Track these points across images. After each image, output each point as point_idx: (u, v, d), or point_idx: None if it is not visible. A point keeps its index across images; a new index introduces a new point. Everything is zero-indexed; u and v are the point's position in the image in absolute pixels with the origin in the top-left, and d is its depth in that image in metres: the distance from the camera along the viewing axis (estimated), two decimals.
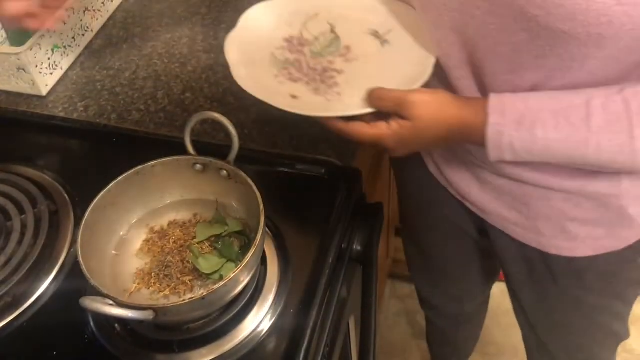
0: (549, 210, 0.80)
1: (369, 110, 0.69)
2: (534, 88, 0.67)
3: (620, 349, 1.05)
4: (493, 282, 1.28)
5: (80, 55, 1.08)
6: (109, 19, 1.15)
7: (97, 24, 1.11)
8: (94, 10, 1.10)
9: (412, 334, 1.81)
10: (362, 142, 0.71)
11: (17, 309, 0.74)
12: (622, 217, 0.78)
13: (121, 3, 1.18)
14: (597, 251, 0.82)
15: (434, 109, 0.69)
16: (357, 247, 0.83)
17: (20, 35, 1.01)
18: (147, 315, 0.61)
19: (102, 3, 1.12)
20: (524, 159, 0.67)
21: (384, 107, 0.68)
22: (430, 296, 1.33)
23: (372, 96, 0.69)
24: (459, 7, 0.65)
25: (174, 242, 0.75)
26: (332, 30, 0.81)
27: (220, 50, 1.05)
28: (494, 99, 0.66)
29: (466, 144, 0.78)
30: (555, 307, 0.97)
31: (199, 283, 0.72)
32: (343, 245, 0.80)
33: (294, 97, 0.73)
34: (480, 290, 1.29)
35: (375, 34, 0.80)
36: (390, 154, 0.74)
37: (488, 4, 0.62)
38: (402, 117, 0.68)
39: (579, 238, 0.81)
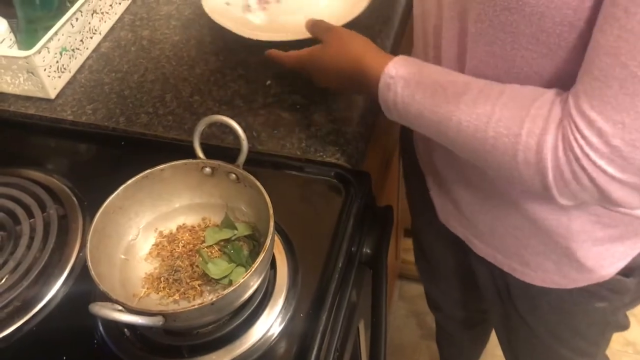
0: (504, 232, 0.79)
1: (307, 35, 0.89)
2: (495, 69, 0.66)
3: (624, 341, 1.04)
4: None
5: (88, 58, 1.07)
6: (117, 21, 1.14)
7: (105, 27, 1.11)
8: (102, 13, 1.09)
9: (421, 336, 1.80)
10: (288, 65, 0.85)
11: (26, 313, 0.74)
12: (570, 259, 0.76)
13: (129, 6, 1.18)
14: (547, 284, 0.81)
15: (344, 40, 0.78)
16: (366, 250, 0.83)
17: (29, 38, 1.01)
18: (156, 321, 0.61)
19: (110, 6, 1.12)
20: (406, 122, 0.71)
21: (315, 34, 0.84)
22: (437, 300, 1.33)
23: (309, 23, 0.86)
24: None
25: (183, 246, 0.74)
26: None
27: (228, 52, 1.05)
28: (399, 57, 0.71)
29: (364, 92, 0.79)
30: (517, 332, 0.97)
31: (208, 288, 0.71)
32: (352, 249, 0.79)
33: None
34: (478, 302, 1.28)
35: None
36: (314, 82, 0.84)
37: None
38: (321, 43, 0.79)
39: (531, 266, 0.80)
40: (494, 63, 0.65)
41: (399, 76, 0.69)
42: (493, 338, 1.53)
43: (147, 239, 0.76)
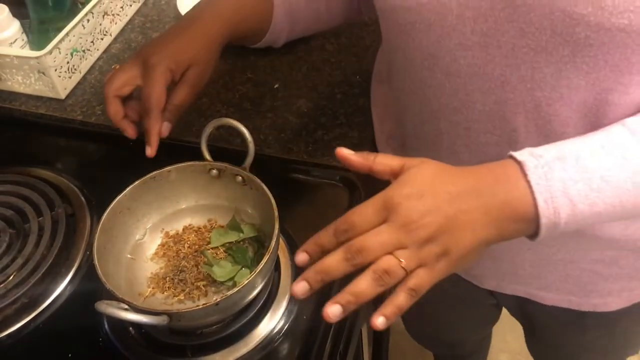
0: (580, 272, 0.74)
1: None
2: (587, 116, 0.56)
3: None
4: (494, 324, 1.23)
5: (98, 59, 1.09)
6: (128, 23, 1.16)
7: (115, 28, 1.13)
8: (113, 15, 1.11)
9: None
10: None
11: (33, 310, 0.75)
12: None
13: (139, 8, 1.19)
14: (632, 301, 0.78)
15: (431, 163, 0.53)
16: None
17: (41, 38, 1.02)
18: (161, 320, 0.61)
19: (121, 7, 1.13)
20: (579, 213, 0.51)
21: (380, 172, 0.55)
22: (427, 346, 1.32)
23: (364, 160, 0.56)
24: (481, 40, 0.56)
25: (189, 246, 0.75)
26: None
27: (237, 55, 1.06)
28: (513, 153, 0.53)
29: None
30: (579, 354, 0.95)
31: (213, 288, 0.72)
32: None
33: None
34: (481, 333, 1.28)
35: None
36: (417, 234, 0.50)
37: (518, 22, 0.53)
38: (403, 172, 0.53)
39: (613, 293, 0.77)
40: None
41: (548, 158, 0.51)
42: (495, 342, 1.54)
43: (153, 239, 0.77)
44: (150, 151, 0.76)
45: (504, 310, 1.39)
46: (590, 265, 0.73)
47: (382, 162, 0.54)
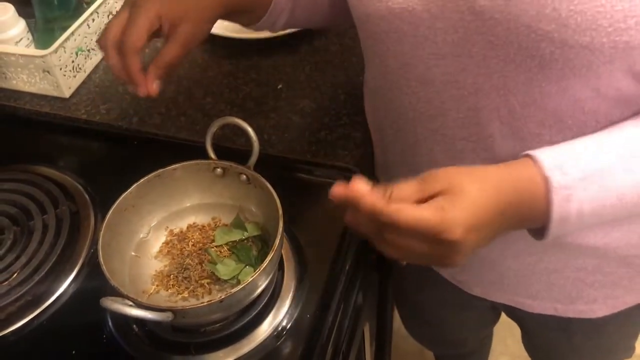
0: (564, 281, 0.75)
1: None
2: (562, 120, 0.57)
3: None
4: (494, 325, 1.23)
5: (103, 58, 1.09)
6: None
7: None
8: None
9: None
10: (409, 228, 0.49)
11: (37, 307, 0.75)
12: None
13: None
14: (617, 308, 0.79)
15: (477, 175, 0.53)
16: (374, 254, 0.83)
17: (46, 38, 1.03)
18: (165, 316, 0.62)
19: None
20: (583, 225, 0.54)
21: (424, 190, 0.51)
22: (429, 346, 1.33)
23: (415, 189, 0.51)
24: (453, 50, 0.57)
25: (193, 244, 0.76)
26: None
27: (241, 56, 1.06)
28: (543, 155, 0.53)
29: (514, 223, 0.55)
30: (569, 357, 0.96)
31: (217, 286, 0.72)
32: (359, 252, 0.80)
33: None
34: (482, 332, 1.29)
35: None
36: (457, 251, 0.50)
37: (487, 35, 0.54)
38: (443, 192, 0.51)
39: (599, 300, 0.77)
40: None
41: (572, 179, 0.52)
42: (495, 345, 1.54)
43: (157, 237, 0.77)
44: (142, 89, 0.66)
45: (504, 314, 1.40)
46: (574, 273, 0.73)
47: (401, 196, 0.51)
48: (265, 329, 0.71)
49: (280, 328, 0.71)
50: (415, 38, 0.59)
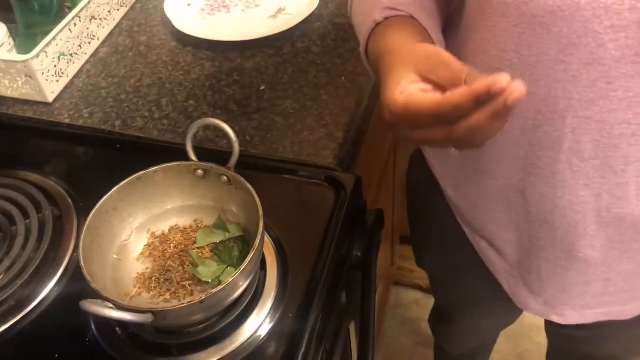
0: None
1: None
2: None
3: None
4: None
5: (86, 62, 1.09)
6: (115, 27, 1.16)
7: (103, 32, 1.13)
8: (101, 19, 1.11)
9: (417, 342, 1.81)
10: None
11: (19, 312, 0.75)
12: None
13: (127, 12, 1.19)
14: None
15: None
16: (357, 253, 0.84)
17: (28, 43, 1.03)
18: (146, 318, 0.62)
19: (109, 12, 1.13)
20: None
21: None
22: (445, 343, 1.34)
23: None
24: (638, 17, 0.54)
25: (175, 247, 0.76)
26: None
27: (224, 58, 1.07)
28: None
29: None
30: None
31: (199, 288, 0.72)
32: (342, 251, 0.80)
33: None
34: (492, 339, 1.30)
35: None
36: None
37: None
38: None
39: None
40: None
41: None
42: (498, 346, 1.54)
43: (139, 239, 0.77)
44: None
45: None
46: None
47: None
48: (248, 329, 0.71)
49: (263, 328, 0.71)
50: (594, 11, 0.54)
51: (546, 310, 0.82)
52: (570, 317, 0.81)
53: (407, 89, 0.52)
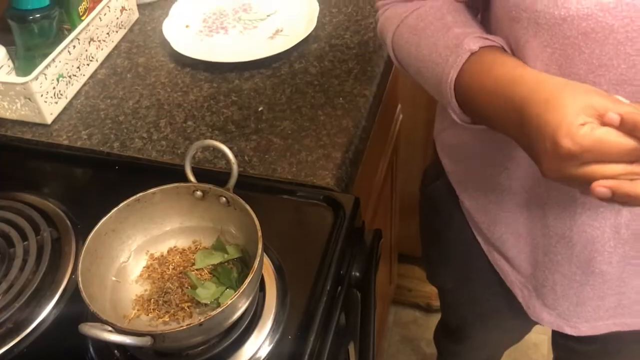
0: None
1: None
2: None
3: None
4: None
5: (84, 84, 1.10)
6: (114, 49, 1.17)
7: (101, 54, 1.14)
8: (99, 41, 1.12)
9: None
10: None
11: (18, 335, 0.75)
12: None
13: (126, 34, 1.20)
14: None
15: None
16: (355, 273, 0.84)
17: (27, 65, 1.03)
18: (144, 341, 0.61)
19: (107, 34, 1.14)
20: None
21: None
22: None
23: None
24: None
25: (174, 268, 0.76)
26: None
27: (222, 79, 1.07)
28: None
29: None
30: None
31: (198, 310, 0.72)
32: (341, 272, 0.80)
33: None
34: (498, 357, 1.31)
35: None
36: None
37: None
38: None
39: None
40: None
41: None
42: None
43: (138, 261, 0.77)
44: None
45: None
46: None
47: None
48: (247, 351, 0.71)
49: (262, 350, 0.71)
50: (627, 33, 0.56)
51: (559, 322, 0.83)
52: (583, 329, 0.82)
53: (589, 121, 0.52)
